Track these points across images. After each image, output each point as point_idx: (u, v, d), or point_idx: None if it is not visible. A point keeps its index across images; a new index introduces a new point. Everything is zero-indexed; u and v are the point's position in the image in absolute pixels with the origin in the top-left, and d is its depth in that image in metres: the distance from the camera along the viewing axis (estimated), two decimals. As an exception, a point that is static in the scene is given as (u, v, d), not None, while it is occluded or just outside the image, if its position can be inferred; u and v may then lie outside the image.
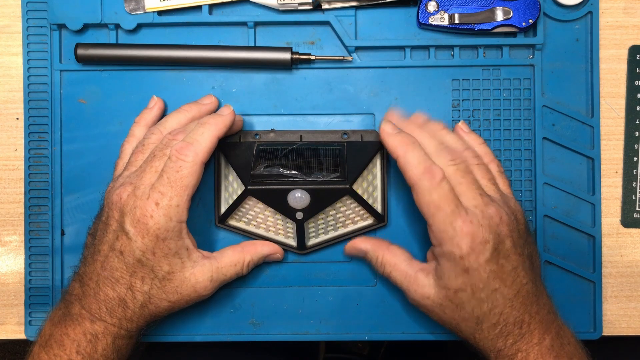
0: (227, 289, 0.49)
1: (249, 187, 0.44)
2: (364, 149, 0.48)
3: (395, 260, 0.45)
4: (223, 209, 0.49)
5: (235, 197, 0.47)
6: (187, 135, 0.43)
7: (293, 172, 0.45)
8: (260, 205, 0.46)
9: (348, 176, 0.45)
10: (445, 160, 0.42)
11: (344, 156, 0.47)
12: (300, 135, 0.49)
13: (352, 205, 0.47)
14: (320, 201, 0.45)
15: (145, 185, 0.42)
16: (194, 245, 0.45)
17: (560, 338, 0.42)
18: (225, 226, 0.49)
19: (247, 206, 0.47)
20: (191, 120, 0.47)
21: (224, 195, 0.49)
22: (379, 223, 0.49)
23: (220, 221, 0.49)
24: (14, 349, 1.08)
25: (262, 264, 0.49)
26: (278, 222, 0.47)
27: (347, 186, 0.44)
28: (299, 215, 0.45)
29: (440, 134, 0.45)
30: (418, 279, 0.43)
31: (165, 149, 0.43)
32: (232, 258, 0.46)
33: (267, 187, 0.44)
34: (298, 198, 0.44)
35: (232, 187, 0.48)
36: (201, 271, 0.44)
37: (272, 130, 0.49)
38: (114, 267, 0.42)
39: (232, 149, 0.48)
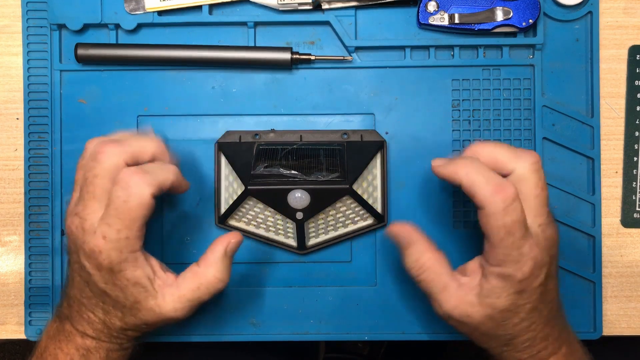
0: (227, 288, 0.49)
1: (249, 187, 0.44)
2: (364, 149, 0.48)
3: (439, 269, 0.42)
4: (223, 209, 0.49)
5: (235, 197, 0.47)
6: (144, 165, 0.40)
7: (293, 172, 0.45)
8: (260, 205, 0.46)
9: (348, 176, 0.45)
10: (527, 164, 0.39)
11: (344, 156, 0.47)
12: (300, 135, 0.49)
13: (352, 205, 0.47)
14: (320, 201, 0.45)
15: (90, 217, 0.39)
16: (157, 269, 0.42)
17: (571, 346, 0.43)
18: (226, 226, 0.49)
19: (247, 206, 0.47)
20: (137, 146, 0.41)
21: (224, 195, 0.49)
22: (379, 223, 0.49)
23: (220, 221, 0.49)
24: (14, 349, 1.08)
25: (262, 264, 0.49)
26: (278, 222, 0.47)
27: (347, 186, 0.44)
28: (299, 215, 0.45)
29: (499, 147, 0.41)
30: (459, 295, 0.41)
31: (93, 169, 0.39)
32: (191, 284, 0.42)
33: (267, 187, 0.44)
34: (298, 198, 0.44)
35: (232, 187, 0.48)
36: (163, 302, 0.41)
37: (272, 131, 0.49)
38: (88, 295, 0.42)
39: (232, 149, 0.48)
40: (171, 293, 0.41)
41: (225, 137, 0.49)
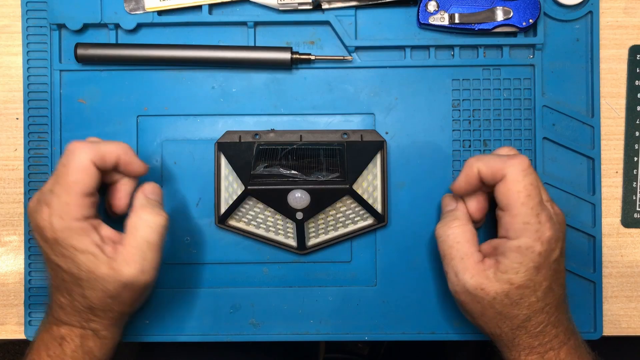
0: (227, 288, 0.49)
1: (249, 187, 0.44)
2: (364, 149, 0.48)
3: (468, 237, 0.43)
4: (223, 209, 0.48)
5: (235, 198, 0.47)
6: (91, 138, 0.43)
7: (293, 172, 0.45)
8: (260, 205, 0.46)
9: (348, 176, 0.45)
10: (507, 151, 0.43)
11: (344, 156, 0.47)
12: (300, 135, 0.49)
13: (352, 205, 0.47)
14: (320, 201, 0.45)
15: (44, 190, 0.42)
16: (108, 237, 0.42)
17: (578, 339, 0.43)
18: (225, 226, 0.49)
19: (247, 206, 0.47)
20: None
21: (224, 195, 0.49)
22: (379, 223, 0.49)
23: (220, 221, 0.49)
24: (14, 349, 1.08)
25: (262, 264, 0.49)
26: (278, 222, 0.47)
27: (347, 186, 0.44)
28: (299, 215, 0.45)
29: None
30: (479, 266, 0.41)
31: (62, 160, 0.42)
32: (130, 231, 0.42)
33: (267, 187, 0.44)
34: (298, 198, 0.44)
35: (232, 187, 0.48)
36: (118, 261, 0.41)
37: (272, 130, 0.49)
38: (51, 275, 0.43)
39: (232, 149, 0.48)
40: (120, 251, 0.41)
41: (225, 137, 0.49)
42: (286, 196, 0.44)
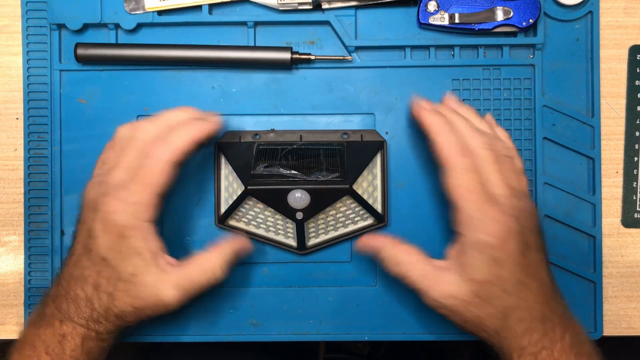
0: (227, 288, 0.49)
1: (249, 187, 0.44)
2: (364, 149, 0.48)
3: (411, 258, 0.43)
4: (223, 209, 0.48)
5: (235, 198, 0.47)
6: (164, 134, 0.42)
7: (293, 172, 0.45)
8: (260, 205, 0.46)
9: (348, 176, 0.45)
10: (479, 143, 0.43)
11: (344, 156, 0.47)
12: (300, 135, 0.49)
13: (352, 205, 0.47)
14: (320, 201, 0.45)
15: (114, 182, 0.42)
16: (162, 250, 0.43)
17: (578, 335, 0.42)
18: (225, 226, 0.49)
19: (247, 206, 0.47)
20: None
21: (224, 195, 0.49)
22: (379, 223, 0.49)
23: (220, 221, 0.49)
24: (14, 349, 1.08)
25: (262, 264, 0.49)
26: (278, 222, 0.47)
27: (347, 186, 0.44)
28: (299, 215, 0.45)
29: (472, 117, 0.46)
30: (440, 277, 0.42)
31: (132, 141, 0.43)
32: (198, 266, 0.43)
33: (267, 187, 0.44)
34: (298, 198, 0.44)
35: (232, 187, 0.48)
36: (166, 278, 0.41)
37: (272, 130, 0.49)
38: (84, 265, 0.42)
39: (232, 149, 0.48)
40: (176, 273, 0.42)
41: (225, 137, 0.49)
42: (286, 196, 0.44)
